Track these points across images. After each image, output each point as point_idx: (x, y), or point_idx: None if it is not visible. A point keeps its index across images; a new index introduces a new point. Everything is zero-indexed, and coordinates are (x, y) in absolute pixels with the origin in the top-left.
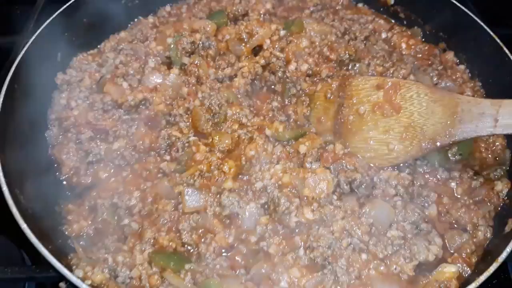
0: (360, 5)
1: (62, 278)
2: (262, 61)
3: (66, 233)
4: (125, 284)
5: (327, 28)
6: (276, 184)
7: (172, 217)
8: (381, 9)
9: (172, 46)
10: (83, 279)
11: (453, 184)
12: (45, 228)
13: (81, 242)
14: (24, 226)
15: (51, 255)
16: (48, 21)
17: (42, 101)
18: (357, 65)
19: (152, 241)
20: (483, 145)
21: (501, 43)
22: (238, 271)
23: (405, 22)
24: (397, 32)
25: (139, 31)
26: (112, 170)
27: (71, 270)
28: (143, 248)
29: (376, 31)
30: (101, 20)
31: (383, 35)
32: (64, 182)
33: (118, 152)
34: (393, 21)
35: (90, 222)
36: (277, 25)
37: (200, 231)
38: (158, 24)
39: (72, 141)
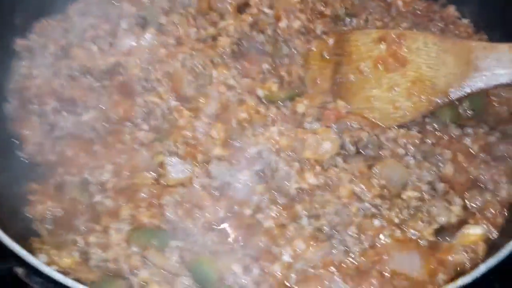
0: None
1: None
2: (250, 19)
3: (29, 215)
4: (100, 267)
5: None
6: (273, 148)
7: (153, 191)
8: None
9: (147, 4)
10: (48, 264)
11: (467, 141)
12: (3, 211)
13: (46, 226)
14: None
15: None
16: None
17: None
18: (354, 20)
19: (130, 219)
20: (495, 99)
21: None
22: (232, 246)
23: None
24: None
25: None
26: (81, 145)
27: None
28: (119, 227)
29: None
30: None
31: None
32: (26, 160)
33: (88, 124)
34: None
35: (56, 202)
36: None
37: (186, 206)
38: None
39: (34, 114)
